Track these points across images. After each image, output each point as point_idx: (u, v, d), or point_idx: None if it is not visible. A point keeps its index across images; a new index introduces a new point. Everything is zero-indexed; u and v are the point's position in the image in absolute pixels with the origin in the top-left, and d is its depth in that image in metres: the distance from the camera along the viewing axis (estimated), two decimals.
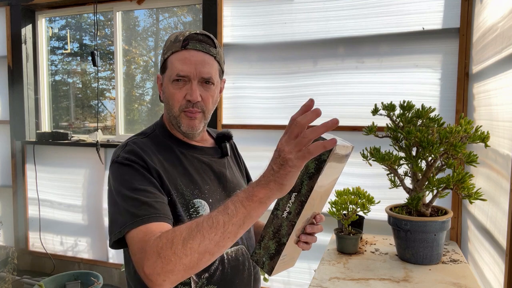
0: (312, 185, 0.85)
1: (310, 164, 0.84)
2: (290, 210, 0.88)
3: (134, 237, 0.85)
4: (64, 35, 3.51)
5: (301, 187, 0.86)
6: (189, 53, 1.00)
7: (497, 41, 1.53)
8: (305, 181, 0.86)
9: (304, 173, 0.85)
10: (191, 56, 1.00)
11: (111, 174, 0.98)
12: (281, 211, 0.89)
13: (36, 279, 3.05)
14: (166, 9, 3.24)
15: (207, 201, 1.02)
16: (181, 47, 1.00)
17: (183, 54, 1.00)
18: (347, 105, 2.35)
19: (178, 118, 1.03)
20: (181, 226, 0.79)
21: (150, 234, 0.82)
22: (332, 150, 0.82)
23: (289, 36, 2.46)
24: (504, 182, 1.37)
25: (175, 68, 1.00)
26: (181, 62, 1.00)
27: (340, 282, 1.37)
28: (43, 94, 3.44)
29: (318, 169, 0.84)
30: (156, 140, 1.06)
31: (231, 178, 1.14)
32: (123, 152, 0.98)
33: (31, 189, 3.35)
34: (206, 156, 1.11)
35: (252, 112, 2.55)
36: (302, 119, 0.70)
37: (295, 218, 0.88)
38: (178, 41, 1.01)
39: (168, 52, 1.03)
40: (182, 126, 1.04)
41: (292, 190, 0.86)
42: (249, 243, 1.12)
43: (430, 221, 1.45)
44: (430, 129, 1.48)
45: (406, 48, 2.21)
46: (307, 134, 0.69)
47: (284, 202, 0.88)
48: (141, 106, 3.42)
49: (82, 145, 3.13)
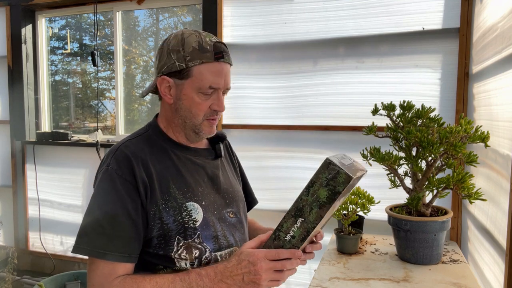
0: (322, 214, 0.83)
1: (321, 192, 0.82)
2: (294, 235, 0.86)
3: (96, 268, 0.91)
4: (64, 35, 3.51)
5: (309, 214, 0.84)
6: (221, 65, 1.00)
7: (497, 41, 1.53)
8: (314, 209, 0.84)
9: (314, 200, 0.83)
10: (222, 69, 1.01)
11: (96, 180, 1.01)
12: (284, 233, 0.87)
13: (36, 279, 3.05)
14: (166, 9, 3.24)
15: (200, 204, 1.02)
16: (214, 59, 0.99)
17: (216, 66, 1.00)
18: (347, 105, 2.35)
19: (199, 126, 1.04)
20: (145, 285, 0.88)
21: (114, 274, 0.90)
22: (349, 182, 0.80)
23: (289, 36, 2.46)
24: (504, 182, 1.37)
25: (208, 79, 0.99)
26: (215, 74, 0.99)
27: (340, 282, 1.37)
28: (43, 94, 3.44)
29: (330, 200, 0.82)
30: (149, 141, 1.06)
31: (224, 180, 1.14)
32: (113, 159, 0.98)
33: (31, 189, 3.35)
34: (199, 157, 1.10)
35: (252, 112, 2.55)
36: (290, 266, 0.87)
37: (298, 244, 0.87)
38: (205, 50, 0.99)
39: (195, 60, 0.98)
40: (203, 133, 1.06)
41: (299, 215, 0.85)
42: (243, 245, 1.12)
43: (430, 221, 1.45)
44: (430, 129, 1.48)
45: (406, 48, 2.21)
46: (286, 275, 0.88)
47: (289, 226, 0.87)
48: (141, 106, 3.42)
49: (82, 145, 3.13)
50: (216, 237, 1.02)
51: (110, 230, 0.92)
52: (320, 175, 0.84)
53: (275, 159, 2.53)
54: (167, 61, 1.01)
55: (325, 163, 0.83)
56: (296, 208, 0.86)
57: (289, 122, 2.48)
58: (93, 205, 0.96)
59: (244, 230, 1.15)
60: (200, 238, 0.99)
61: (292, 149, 2.48)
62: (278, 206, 2.52)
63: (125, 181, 0.95)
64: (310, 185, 0.85)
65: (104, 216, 0.93)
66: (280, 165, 2.51)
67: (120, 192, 0.94)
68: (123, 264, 0.92)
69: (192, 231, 0.98)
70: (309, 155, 2.44)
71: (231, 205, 1.12)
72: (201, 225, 1.00)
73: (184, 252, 0.97)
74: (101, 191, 0.97)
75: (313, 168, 2.73)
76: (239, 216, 1.14)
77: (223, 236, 1.04)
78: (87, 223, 0.94)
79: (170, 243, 0.97)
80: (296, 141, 2.47)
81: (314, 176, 0.85)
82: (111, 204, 0.93)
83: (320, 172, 0.84)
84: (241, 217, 1.15)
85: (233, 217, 1.10)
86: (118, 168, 0.96)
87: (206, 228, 1.01)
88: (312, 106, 2.42)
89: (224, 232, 1.05)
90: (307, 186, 0.85)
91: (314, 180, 0.85)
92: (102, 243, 0.91)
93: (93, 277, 0.92)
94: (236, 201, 1.15)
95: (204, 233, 1.00)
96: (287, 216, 0.88)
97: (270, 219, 2.56)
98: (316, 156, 2.42)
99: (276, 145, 2.52)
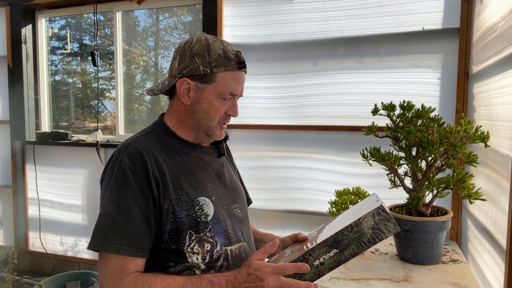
0: (358, 252, 0.89)
1: (366, 231, 0.88)
2: (323, 262, 0.90)
3: (109, 264, 0.93)
4: (64, 35, 3.51)
5: (346, 248, 0.89)
6: (242, 74, 1.08)
7: (497, 41, 1.53)
8: (353, 245, 0.89)
9: (356, 238, 0.88)
10: (242, 77, 1.08)
11: (108, 176, 1.01)
12: (314, 258, 0.91)
13: (36, 279, 3.05)
14: (166, 9, 3.24)
15: (210, 199, 1.05)
16: (237, 68, 1.05)
17: (238, 75, 1.06)
18: (347, 105, 2.35)
19: (213, 129, 1.09)
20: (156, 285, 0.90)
21: (126, 271, 0.92)
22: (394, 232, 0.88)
23: (289, 36, 2.46)
24: (504, 182, 1.37)
25: (230, 86, 1.05)
26: (236, 82, 1.06)
27: (340, 282, 1.37)
28: (43, 94, 3.43)
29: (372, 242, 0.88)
30: (157, 138, 1.09)
31: (228, 177, 1.18)
32: (126, 155, 1.00)
33: (31, 189, 3.35)
34: (205, 155, 1.14)
35: (252, 112, 2.55)
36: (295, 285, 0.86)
37: (325, 271, 0.90)
38: (230, 59, 1.04)
39: (220, 67, 1.03)
40: (215, 135, 1.10)
41: (335, 246, 0.89)
42: (250, 240, 1.14)
43: (430, 221, 1.45)
44: (430, 129, 1.48)
45: (406, 48, 2.21)
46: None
47: (321, 253, 0.90)
48: (141, 106, 3.42)
49: (82, 145, 3.13)
50: (226, 232, 1.05)
51: (124, 224, 0.94)
52: (370, 218, 0.88)
53: (275, 159, 2.53)
54: (190, 64, 1.04)
55: (378, 209, 0.88)
56: (334, 239, 0.90)
57: (289, 122, 2.48)
58: (107, 200, 0.98)
59: (249, 225, 1.18)
60: (212, 232, 1.02)
61: (292, 149, 2.49)
62: (278, 206, 2.52)
63: (138, 177, 0.97)
64: (357, 224, 0.89)
65: (118, 211, 0.95)
66: (280, 165, 2.51)
67: (133, 187, 0.96)
68: (135, 260, 0.94)
69: (204, 225, 1.01)
70: (309, 155, 2.44)
71: (237, 201, 1.15)
72: (212, 219, 1.03)
73: (197, 245, 0.99)
74: (114, 186, 0.98)
75: (313, 168, 2.72)
76: (244, 211, 1.17)
77: (232, 231, 1.07)
78: (101, 219, 0.97)
79: (182, 237, 0.98)
80: (296, 141, 2.47)
81: (363, 217, 0.89)
82: (125, 199, 0.96)
83: (370, 215, 0.88)
84: (246, 212, 1.18)
85: (240, 213, 1.14)
86: (131, 164, 0.98)
87: (217, 222, 1.04)
88: (312, 106, 2.42)
89: (234, 227, 1.08)
90: (352, 224, 0.89)
91: (362, 220, 0.89)
92: (116, 238, 0.93)
93: (106, 272, 0.93)
94: (241, 198, 1.19)
95: (215, 227, 1.03)
96: (322, 244, 0.91)
97: (270, 219, 2.56)
98: (316, 156, 2.42)
99: (276, 145, 2.52)
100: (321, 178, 2.42)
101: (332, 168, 2.39)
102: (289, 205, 2.50)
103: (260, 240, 1.30)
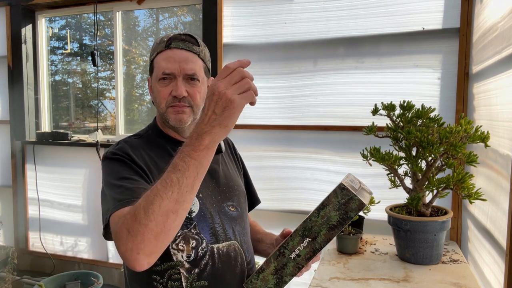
0: (331, 237, 0.86)
1: (333, 215, 0.84)
2: (299, 253, 0.88)
3: (111, 222, 0.87)
4: (64, 35, 3.51)
5: (317, 235, 0.86)
6: (173, 52, 1.05)
7: (497, 41, 1.53)
8: (323, 231, 0.85)
9: (324, 223, 0.85)
10: (174, 54, 1.05)
11: (102, 169, 1.04)
12: (289, 251, 0.89)
13: (36, 279, 3.05)
14: (166, 9, 3.24)
15: (197, 195, 1.04)
16: (165, 47, 1.06)
17: (167, 53, 1.05)
18: (347, 105, 2.35)
19: (165, 114, 1.07)
20: (140, 199, 0.80)
21: (122, 216, 0.83)
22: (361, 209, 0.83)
23: (289, 36, 2.46)
24: (504, 182, 1.37)
25: (161, 67, 1.05)
26: (166, 60, 1.05)
27: (340, 282, 1.37)
28: (43, 94, 3.43)
29: (341, 223, 0.84)
30: (148, 140, 1.11)
31: (224, 174, 1.17)
32: (112, 149, 1.04)
33: (31, 189, 3.35)
34: None
35: (252, 112, 2.55)
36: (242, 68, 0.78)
37: (303, 262, 0.88)
38: (162, 42, 1.07)
39: (153, 53, 1.09)
40: (170, 120, 1.07)
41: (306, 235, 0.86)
42: (243, 239, 1.12)
43: (430, 221, 1.45)
44: (430, 129, 1.48)
45: (406, 48, 2.21)
46: (249, 79, 0.78)
47: (295, 244, 0.88)
48: (141, 106, 3.42)
49: (82, 145, 3.13)
50: (213, 229, 1.04)
51: (128, 184, 0.93)
52: (333, 199, 0.85)
53: (275, 159, 2.53)
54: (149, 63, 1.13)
55: (339, 187, 0.84)
56: (304, 228, 0.87)
57: (289, 122, 2.48)
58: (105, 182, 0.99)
59: (244, 224, 1.17)
60: (197, 228, 1.01)
61: (292, 149, 2.49)
62: (278, 206, 2.52)
63: (124, 158, 1.00)
64: (321, 207, 0.86)
65: (118, 178, 0.95)
66: (280, 165, 2.52)
67: (122, 162, 1.00)
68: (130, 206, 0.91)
69: (188, 221, 1.00)
70: (309, 155, 2.44)
71: (231, 199, 1.14)
72: (197, 216, 1.02)
73: (182, 242, 0.99)
74: (105, 169, 1.01)
75: (313, 168, 2.73)
76: (240, 209, 1.15)
77: (221, 229, 1.06)
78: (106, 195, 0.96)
79: None
80: (296, 141, 2.47)
81: (326, 199, 0.86)
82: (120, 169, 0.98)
83: (333, 195, 0.85)
84: (241, 210, 1.16)
85: (234, 211, 1.13)
86: (115, 152, 1.02)
87: (203, 219, 1.03)
88: (312, 106, 2.42)
89: (224, 225, 1.07)
90: (317, 208, 0.86)
91: (325, 203, 0.86)
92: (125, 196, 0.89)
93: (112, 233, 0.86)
94: (237, 195, 1.17)
95: (200, 224, 1.02)
96: (294, 235, 0.89)
97: (270, 219, 2.56)
98: (316, 156, 2.42)
99: (276, 145, 2.52)
100: (321, 178, 2.42)
101: (332, 168, 2.39)
102: (289, 205, 2.50)
103: (261, 240, 1.30)
